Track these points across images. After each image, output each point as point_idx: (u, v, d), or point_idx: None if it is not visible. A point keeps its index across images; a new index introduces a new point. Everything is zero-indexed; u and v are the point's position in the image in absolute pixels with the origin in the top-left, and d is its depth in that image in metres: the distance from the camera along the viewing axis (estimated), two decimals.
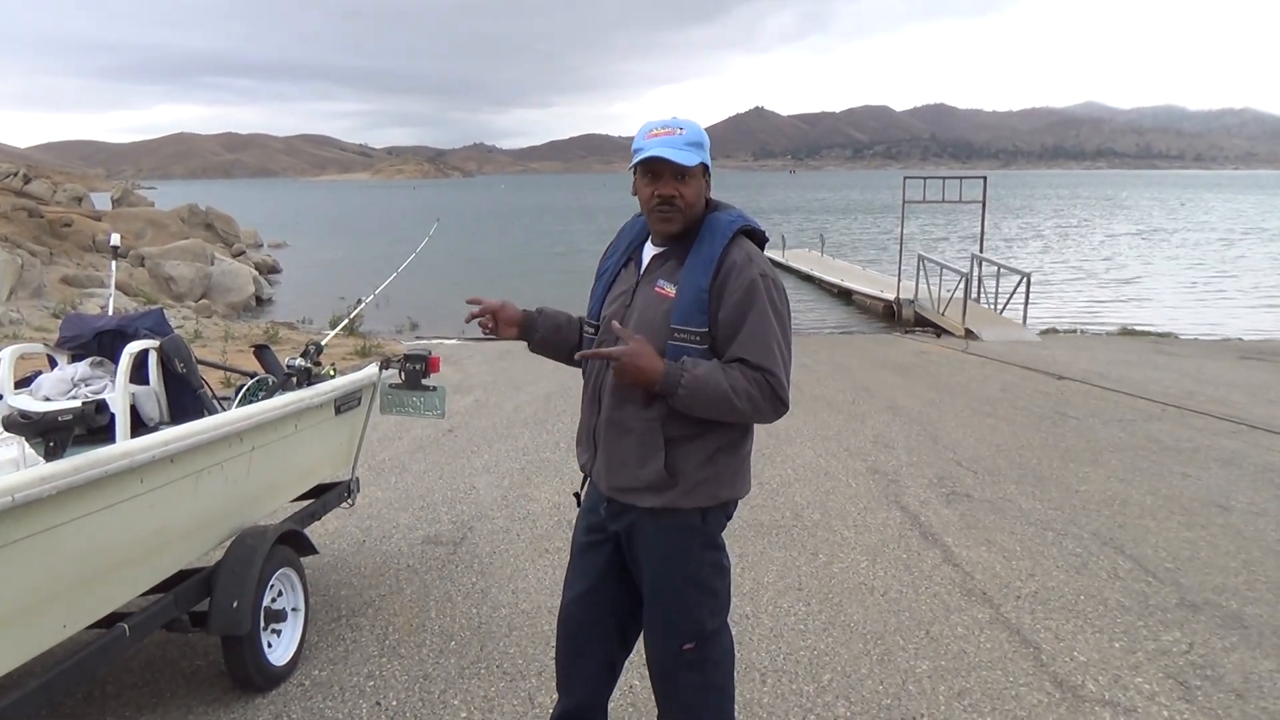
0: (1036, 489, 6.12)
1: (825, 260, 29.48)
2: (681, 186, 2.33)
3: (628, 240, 2.60)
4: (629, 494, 2.42)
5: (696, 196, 2.37)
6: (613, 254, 2.63)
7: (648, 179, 2.35)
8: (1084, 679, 3.63)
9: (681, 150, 2.29)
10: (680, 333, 2.31)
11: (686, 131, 2.32)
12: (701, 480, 2.38)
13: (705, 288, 2.30)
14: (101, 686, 3.55)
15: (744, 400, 2.26)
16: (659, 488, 2.37)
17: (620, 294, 2.51)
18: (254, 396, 4.09)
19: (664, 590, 2.46)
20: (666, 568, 2.44)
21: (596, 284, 2.63)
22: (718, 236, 2.37)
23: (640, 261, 2.53)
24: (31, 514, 2.44)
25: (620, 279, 2.56)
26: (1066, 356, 12.08)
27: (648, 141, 2.32)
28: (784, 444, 7.36)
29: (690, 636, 2.46)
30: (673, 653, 2.48)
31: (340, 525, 5.43)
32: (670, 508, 2.39)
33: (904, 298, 18.39)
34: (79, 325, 4.12)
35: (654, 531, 2.43)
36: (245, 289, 24.70)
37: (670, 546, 2.43)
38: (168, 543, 3.15)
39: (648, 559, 2.46)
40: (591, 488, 2.62)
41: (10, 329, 13.78)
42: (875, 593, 4.48)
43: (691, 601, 2.45)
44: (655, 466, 2.36)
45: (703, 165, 2.36)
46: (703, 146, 2.35)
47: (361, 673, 3.68)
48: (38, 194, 31.90)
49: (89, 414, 2.65)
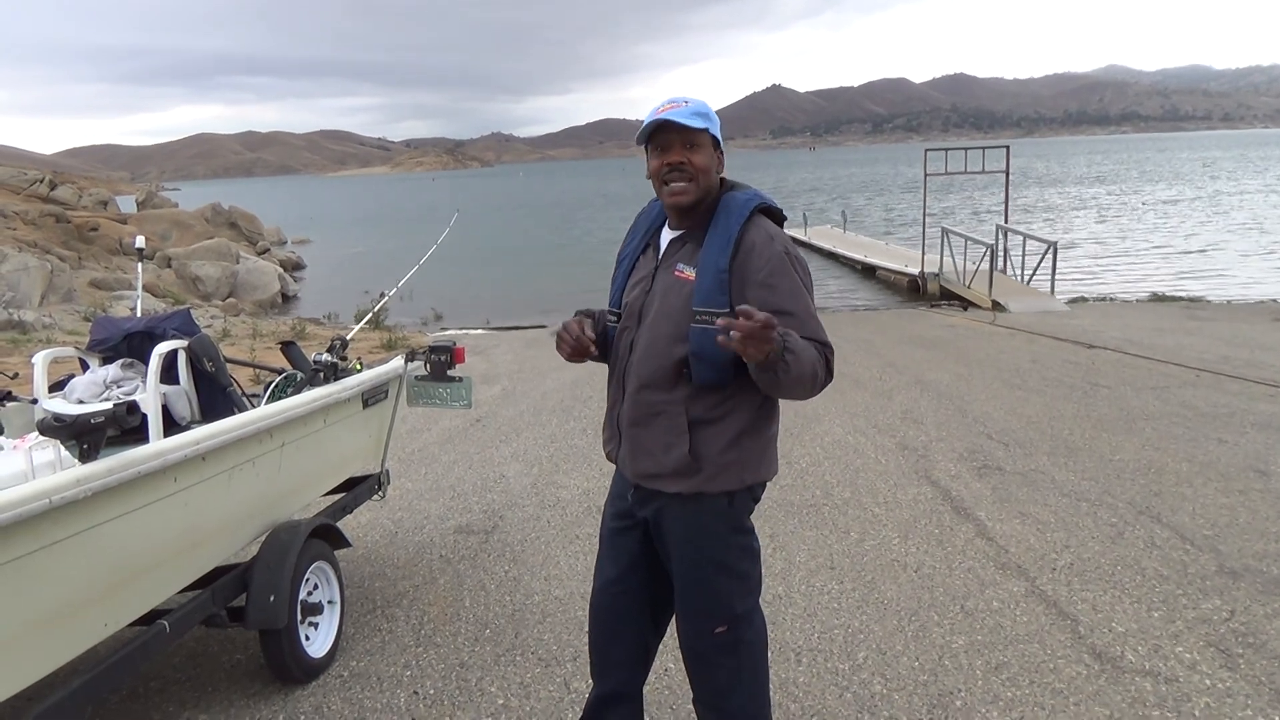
0: (1069, 460, 6.06)
1: (848, 237, 29.26)
2: (690, 154, 2.30)
3: (645, 226, 2.58)
4: (655, 480, 2.41)
5: (707, 164, 2.34)
6: (631, 240, 2.62)
7: (657, 153, 2.34)
8: (1123, 650, 3.59)
9: (688, 117, 2.28)
10: (703, 314, 2.27)
11: (692, 104, 2.32)
12: (726, 464, 2.36)
13: (725, 268, 2.28)
14: (145, 683, 3.60)
15: (821, 371, 2.20)
16: (684, 473, 2.35)
17: (640, 280, 2.49)
18: (283, 393, 4.12)
19: (693, 575, 2.45)
20: (695, 552, 2.43)
21: (617, 271, 2.62)
22: (734, 216, 2.34)
23: (659, 247, 2.50)
24: (69, 516, 2.48)
25: (640, 265, 2.54)
26: (1096, 325, 11.93)
27: (654, 115, 2.32)
28: (812, 422, 7.33)
29: (722, 620, 2.45)
30: (705, 636, 2.47)
31: (372, 518, 5.47)
32: (696, 493, 2.37)
33: (929, 271, 18.23)
34: (108, 328, 4.18)
35: (681, 517, 2.41)
36: (271, 286, 24.90)
37: (698, 531, 2.42)
38: (203, 540, 3.18)
39: (676, 544, 2.45)
40: (618, 474, 2.62)
41: (43, 333, 13.98)
42: (908, 569, 4.46)
43: (721, 585, 2.44)
44: (680, 452, 2.34)
45: (712, 137, 2.34)
46: (709, 118, 2.33)
47: (399, 663, 3.71)
48: (64, 199, 32.27)
49: (121, 415, 2.67)
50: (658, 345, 2.36)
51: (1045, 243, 16.52)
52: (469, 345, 10.81)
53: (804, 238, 30.60)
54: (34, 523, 2.35)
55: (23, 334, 13.85)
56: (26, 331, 14.24)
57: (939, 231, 18.21)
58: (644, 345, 2.40)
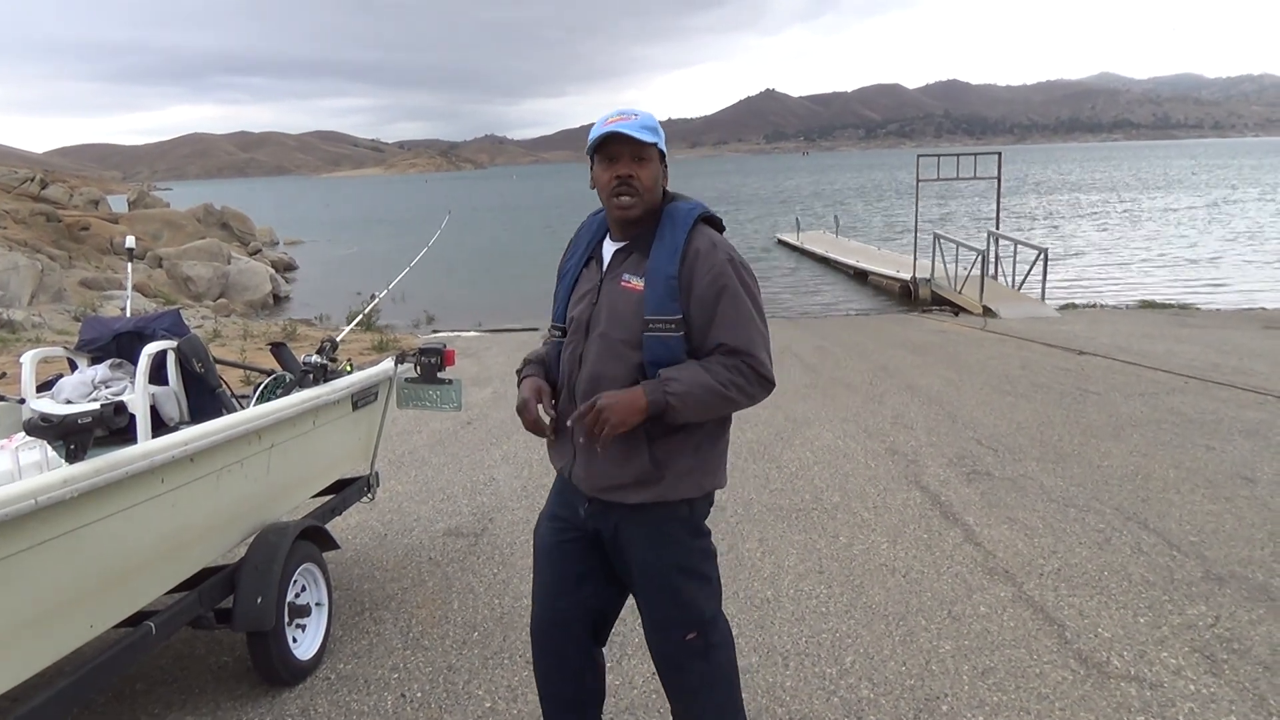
0: (1058, 465, 6.09)
1: (840, 242, 29.34)
2: (638, 168, 2.31)
3: (587, 239, 2.56)
4: (614, 492, 2.38)
5: (653, 181, 2.35)
6: (573, 254, 2.59)
7: (605, 164, 2.34)
8: (1109, 655, 3.61)
9: (638, 130, 2.28)
10: (655, 323, 2.28)
11: (641, 117, 2.32)
12: (687, 471, 2.37)
13: (674, 274, 2.29)
14: (131, 684, 3.59)
15: (734, 390, 2.27)
16: (646, 483, 2.35)
17: (585, 293, 2.46)
18: (272, 394, 4.12)
19: (659, 584, 2.43)
20: (659, 561, 2.42)
21: (559, 286, 2.58)
22: (679, 225, 2.35)
23: (602, 259, 2.48)
24: (55, 516, 2.47)
25: (583, 278, 2.51)
26: (1086, 331, 11.99)
27: (604, 127, 2.31)
28: (802, 427, 7.35)
29: (692, 626, 2.45)
30: (677, 644, 2.46)
31: (361, 520, 5.46)
32: (658, 501, 2.37)
33: (920, 277, 18.29)
34: (98, 328, 4.16)
35: (643, 526, 2.40)
36: (262, 287, 24.87)
37: (661, 540, 2.41)
38: (191, 541, 3.18)
39: (639, 555, 2.43)
40: (564, 488, 2.56)
41: (33, 332, 13.93)
42: (897, 574, 4.47)
43: (689, 591, 2.44)
44: (640, 462, 2.33)
45: (659, 151, 2.35)
46: (658, 133, 2.34)
47: (386, 665, 3.71)
48: (55, 198, 32.16)
49: (108, 416, 2.67)
50: (609, 357, 2.35)
51: (1036, 249, 16.60)
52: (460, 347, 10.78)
53: (797, 242, 30.69)
54: (20, 523, 2.34)
55: (11, 333, 13.80)
56: (15, 331, 14.19)
57: (931, 237, 18.28)
58: (595, 357, 2.37)
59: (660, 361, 2.29)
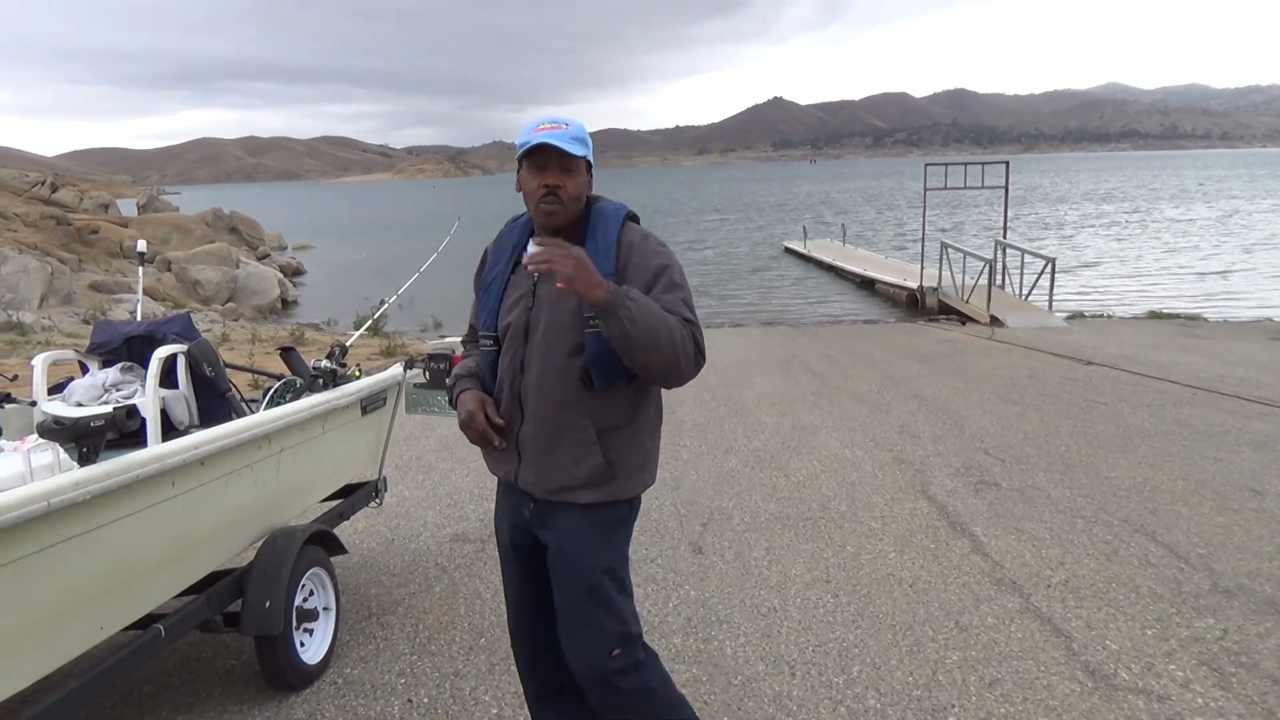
0: (1065, 476, 6.07)
1: (847, 250, 29.34)
2: (566, 178, 2.34)
3: (511, 245, 2.56)
4: (565, 493, 2.39)
5: (580, 191, 2.39)
6: (497, 262, 2.58)
7: (534, 171, 2.35)
8: (1116, 667, 3.60)
9: (568, 142, 2.31)
10: (595, 320, 2.29)
11: (571, 127, 2.35)
12: (637, 468, 2.44)
13: (611, 271, 2.33)
14: (139, 687, 3.60)
15: (679, 341, 2.24)
16: (598, 482, 2.38)
17: (519, 299, 2.46)
18: (281, 398, 4.13)
19: (588, 590, 2.40)
20: (594, 565, 2.40)
21: (485, 296, 2.57)
22: (610, 224, 2.41)
23: None
24: (67, 518, 2.48)
25: (513, 285, 2.51)
26: (1093, 341, 11.96)
27: (534, 135, 2.32)
28: (809, 435, 7.34)
29: (616, 640, 2.40)
30: (603, 661, 2.39)
31: (369, 524, 5.47)
32: (607, 501, 2.40)
33: (928, 286, 18.28)
34: (109, 331, 4.19)
35: (586, 527, 2.41)
36: (271, 291, 24.94)
37: (600, 541, 2.42)
38: (200, 544, 3.19)
39: (575, 557, 2.41)
40: (511, 492, 2.56)
41: (42, 335, 13.99)
42: (904, 583, 4.46)
43: (617, 600, 2.42)
44: (594, 460, 2.36)
45: (586, 162, 2.39)
46: (587, 144, 2.38)
47: (393, 670, 3.71)
48: (65, 202, 32.32)
49: (120, 419, 2.69)
50: (555, 359, 2.36)
51: (1044, 259, 16.57)
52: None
53: (804, 251, 30.69)
54: (32, 525, 2.36)
55: (21, 335, 13.86)
56: (25, 333, 14.25)
57: (939, 246, 18.27)
58: (540, 361, 2.38)
59: (602, 357, 2.31)
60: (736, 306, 21.28)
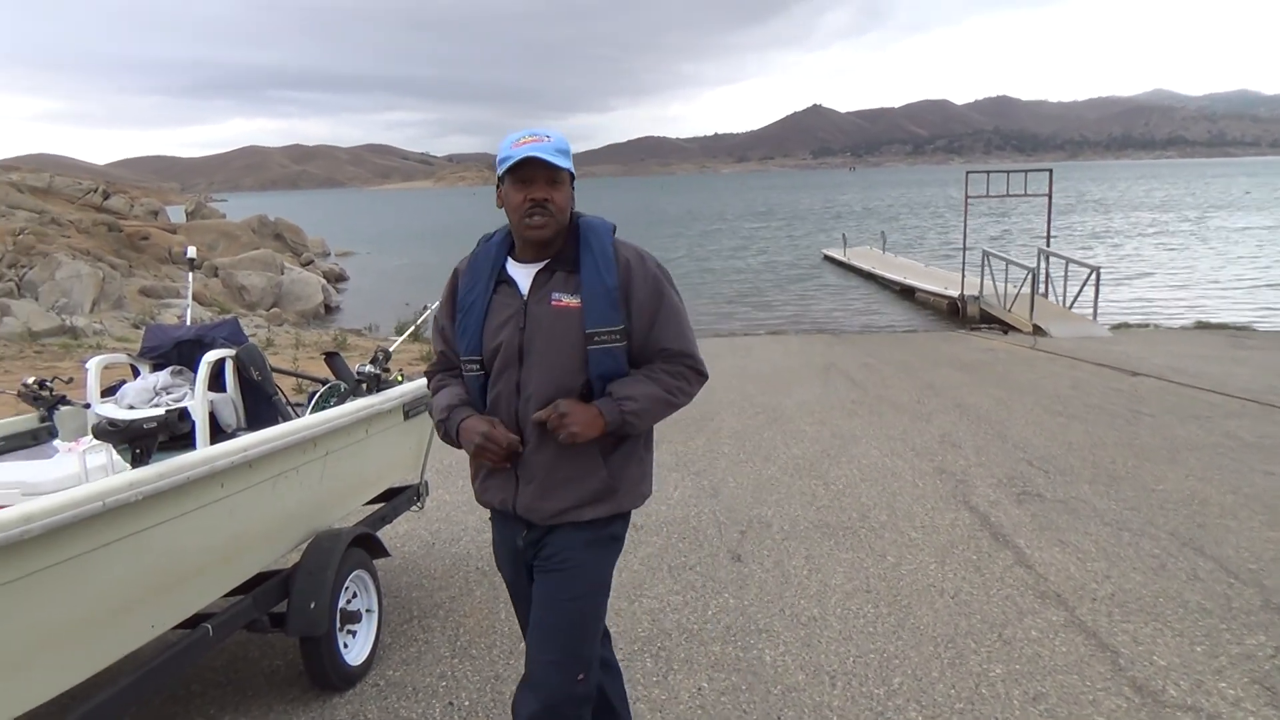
0: (1111, 489, 5.98)
1: (887, 258, 29.10)
2: (553, 191, 2.29)
3: (489, 265, 2.44)
4: (568, 513, 2.34)
5: (567, 203, 2.34)
6: (475, 283, 2.45)
7: (519, 185, 2.29)
8: (1165, 684, 3.53)
9: (553, 154, 2.26)
10: (600, 335, 2.28)
11: (554, 139, 2.30)
12: (637, 480, 2.44)
13: (615, 285, 2.30)
14: (186, 685, 3.67)
15: (679, 395, 2.37)
16: (603, 497, 2.35)
17: (508, 319, 2.36)
18: (326, 403, 4.19)
19: (575, 609, 2.35)
20: (585, 581, 2.36)
21: (465, 319, 2.44)
22: (603, 238, 2.38)
23: (513, 282, 2.40)
24: (122, 518, 2.54)
25: (498, 305, 2.39)
26: (1140, 351, 11.76)
27: (516, 149, 2.27)
28: (849, 444, 7.30)
29: (582, 665, 2.34)
30: (569, 685, 2.31)
31: (410, 528, 5.53)
32: (610, 516, 2.37)
33: (969, 294, 18.07)
34: (160, 335, 4.28)
35: (583, 542, 2.36)
36: (314, 297, 25.27)
37: (596, 557, 2.39)
38: (247, 545, 3.24)
39: (567, 572, 2.35)
40: (507, 521, 2.46)
41: (94, 339, 14.31)
42: (945, 595, 4.42)
43: (594, 626, 2.39)
44: (599, 476, 2.34)
45: (570, 174, 2.34)
46: (569, 156, 2.34)
47: (434, 673, 3.75)
48: (116, 209, 33.04)
49: (173, 421, 2.75)
50: (554, 379, 2.30)
51: (1088, 267, 16.32)
52: None
53: (843, 258, 30.49)
54: (89, 524, 2.42)
55: (74, 339, 14.18)
56: (78, 337, 14.58)
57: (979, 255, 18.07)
58: (539, 382, 2.30)
59: (607, 373, 2.31)
60: (775, 316, 21.19)
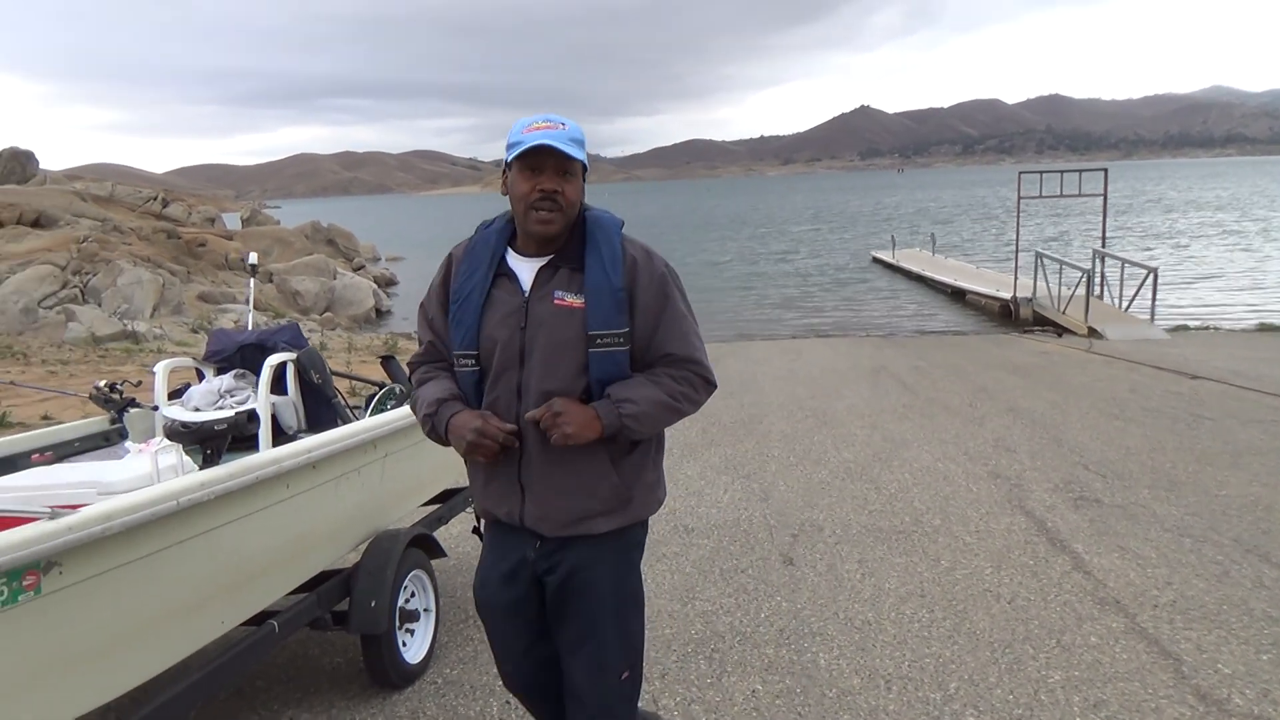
0: (1171, 494, 5.86)
1: (937, 260, 28.78)
2: (564, 183, 2.16)
3: (488, 255, 2.31)
4: (581, 524, 2.24)
5: (578, 197, 2.22)
6: (473, 273, 2.31)
7: (527, 174, 2.15)
8: (1230, 692, 3.46)
9: (566, 143, 2.13)
10: (602, 338, 2.17)
11: (569, 127, 2.17)
12: (650, 487, 2.34)
13: (621, 286, 2.19)
14: (251, 681, 3.76)
15: (683, 401, 2.24)
16: (615, 509, 2.26)
17: (508, 315, 2.24)
18: (384, 405, 4.28)
19: (611, 617, 2.30)
20: (616, 591, 2.30)
21: (460, 309, 2.30)
22: (611, 235, 2.25)
23: (514, 276, 2.28)
24: (194, 517, 2.63)
25: (498, 299, 2.26)
26: (1199, 355, 11.50)
27: (527, 135, 2.14)
28: (900, 448, 7.24)
29: (630, 662, 2.34)
30: (614, 686, 2.30)
31: (464, 529, 5.59)
32: (625, 526, 2.29)
33: (1022, 296, 17.81)
34: (223, 340, 4.40)
35: (605, 557, 2.29)
36: (365, 302, 25.68)
37: (621, 567, 2.33)
38: (311, 545, 3.32)
39: (597, 588, 2.28)
40: (509, 535, 2.34)
41: (154, 344, 14.68)
42: (1001, 600, 4.37)
43: (634, 623, 2.37)
44: (610, 485, 2.24)
45: (582, 165, 2.22)
46: (583, 146, 2.20)
47: (490, 672, 3.78)
48: (175, 216, 33.89)
49: (242, 423, 2.83)
50: (558, 382, 2.19)
51: (1145, 268, 16.00)
52: None
53: (892, 260, 30.22)
54: (164, 522, 2.50)
55: (135, 344, 14.57)
56: (139, 341, 14.97)
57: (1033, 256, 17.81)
58: (541, 385, 2.19)
59: (609, 378, 2.20)
60: (824, 318, 21.06)
